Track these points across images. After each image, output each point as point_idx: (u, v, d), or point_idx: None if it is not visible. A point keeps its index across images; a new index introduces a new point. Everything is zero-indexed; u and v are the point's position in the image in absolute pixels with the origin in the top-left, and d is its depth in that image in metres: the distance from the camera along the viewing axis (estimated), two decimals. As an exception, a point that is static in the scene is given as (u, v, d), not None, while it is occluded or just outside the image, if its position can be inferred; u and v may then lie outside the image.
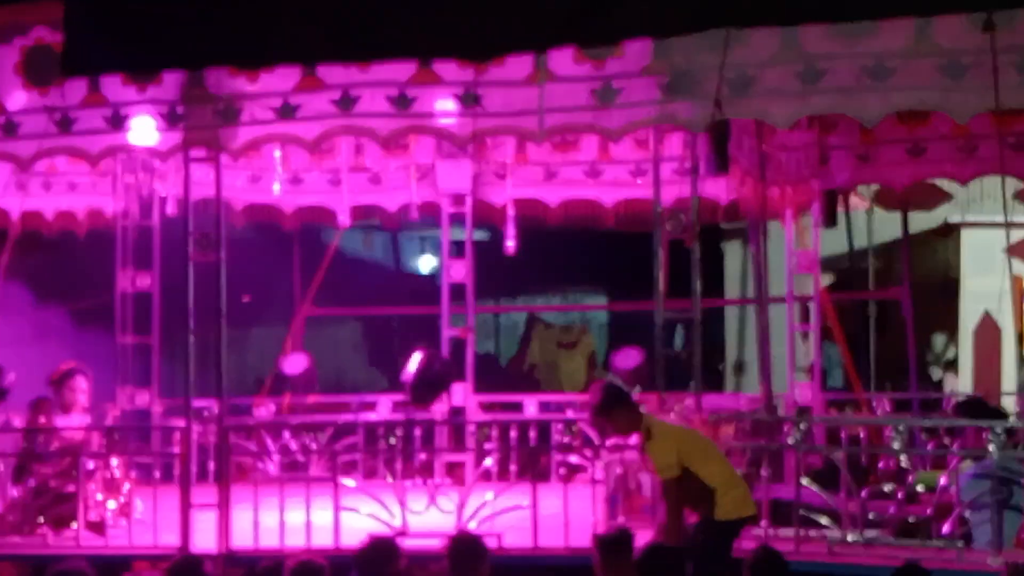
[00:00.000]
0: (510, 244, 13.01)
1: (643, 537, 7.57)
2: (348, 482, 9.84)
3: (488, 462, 10.83)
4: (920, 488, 9.42)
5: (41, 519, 9.66)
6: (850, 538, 8.76)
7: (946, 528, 8.63)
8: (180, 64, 8.65)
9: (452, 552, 7.43)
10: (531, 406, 12.78)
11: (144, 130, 9.32)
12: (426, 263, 20.98)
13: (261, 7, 8.63)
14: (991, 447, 8.46)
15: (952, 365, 14.94)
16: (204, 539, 9.19)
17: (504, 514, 9.18)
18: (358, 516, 9.25)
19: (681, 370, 12.09)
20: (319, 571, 7.15)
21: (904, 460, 9.67)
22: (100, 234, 12.92)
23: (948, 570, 8.23)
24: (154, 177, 11.90)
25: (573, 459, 11.65)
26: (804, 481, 9.03)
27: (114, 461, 9.85)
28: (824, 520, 9.01)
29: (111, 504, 9.75)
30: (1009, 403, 12.25)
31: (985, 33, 7.95)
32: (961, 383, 14.11)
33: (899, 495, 9.07)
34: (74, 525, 9.48)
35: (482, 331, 20.43)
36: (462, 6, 8.43)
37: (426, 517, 9.37)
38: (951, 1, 8.04)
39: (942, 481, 8.94)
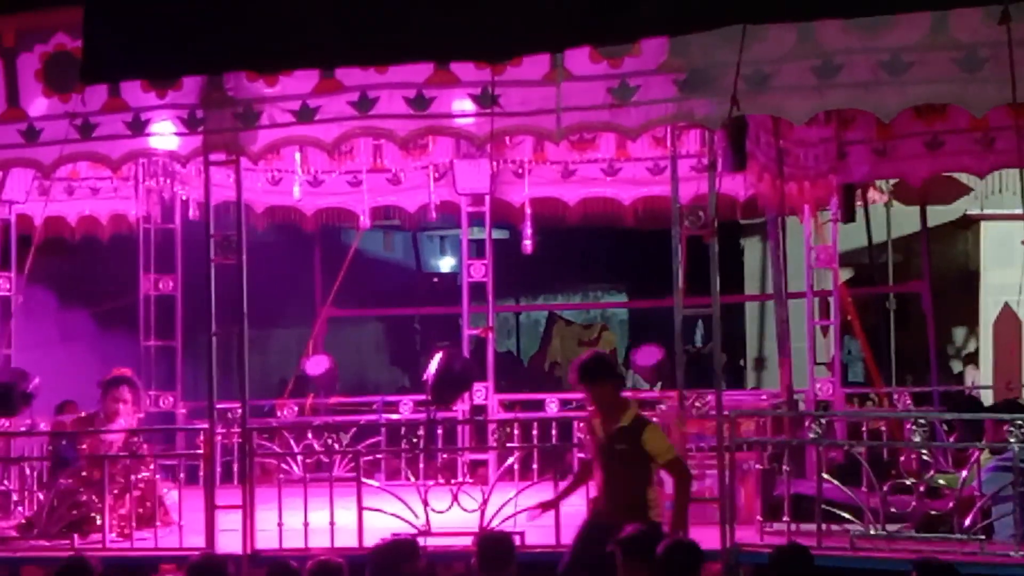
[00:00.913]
0: (528, 243, 13.03)
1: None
2: (371, 482, 9.89)
3: (510, 461, 10.86)
4: (942, 482, 9.44)
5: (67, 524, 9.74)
6: (872, 533, 8.78)
7: (968, 521, 8.63)
8: (199, 69, 8.69)
9: (481, 550, 7.48)
10: (552, 404, 12.80)
11: (165, 134, 9.39)
12: (446, 263, 21.04)
13: (279, 10, 8.66)
14: (1012, 440, 8.46)
15: (972, 358, 14.93)
16: (229, 540, 9.25)
17: (526, 511, 9.20)
18: (382, 516, 9.30)
19: (702, 366, 12.14)
20: (337, 571, 7.21)
21: (925, 454, 9.67)
22: (123, 238, 13.01)
23: (970, 563, 8.25)
24: (175, 181, 11.95)
25: (595, 456, 11.67)
26: (825, 476, 9.04)
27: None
28: (846, 515, 9.02)
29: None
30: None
31: (1001, 25, 7.94)
32: (982, 376, 14.08)
33: (920, 489, 9.07)
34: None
35: (503, 330, 20.54)
36: (479, 7, 8.45)
37: (449, 516, 9.41)
38: (967, -6, 8.04)
39: (963, 475, 8.95)
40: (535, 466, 11.17)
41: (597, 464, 8.46)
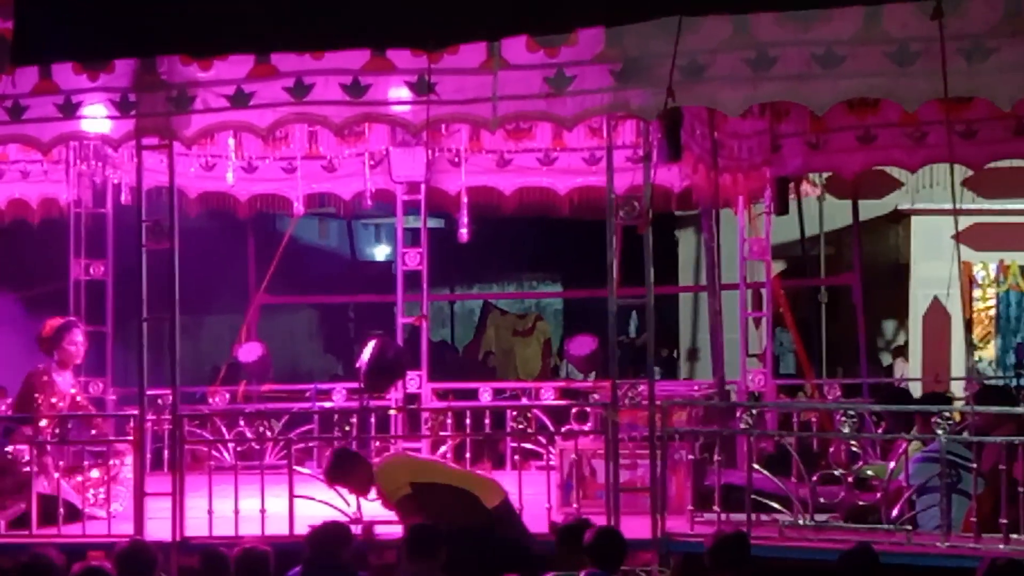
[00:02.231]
0: (464, 232, 13.02)
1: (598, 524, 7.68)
2: (303, 470, 9.86)
3: (443, 449, 10.86)
4: (869, 473, 9.54)
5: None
6: (801, 523, 8.86)
7: (895, 512, 8.73)
8: (132, 51, 8.59)
9: (409, 538, 7.50)
10: (486, 393, 12.81)
11: (96, 118, 9.29)
12: (381, 251, 20.98)
13: (214, -6, 8.60)
14: (939, 431, 8.56)
15: (902, 351, 15.08)
16: (159, 528, 9.19)
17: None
18: (313, 504, 9.28)
19: (635, 356, 12.19)
20: (264, 558, 7.21)
21: (855, 445, 9.77)
22: (53, 222, 12.84)
23: (897, 553, 8.35)
24: (107, 165, 11.82)
25: (528, 446, 11.71)
26: (756, 467, 9.11)
27: None
28: (776, 505, 9.10)
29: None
30: (957, 388, 12.40)
31: (934, 20, 8.02)
32: (911, 368, 14.23)
33: (849, 480, 9.16)
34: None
35: (437, 319, 20.53)
36: (415, -6, 8.43)
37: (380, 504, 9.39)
38: (900, -12, 8.11)
39: (891, 466, 9.05)
40: (468, 455, 11.18)
41: None
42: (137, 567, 7.26)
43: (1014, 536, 8.25)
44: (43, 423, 10.04)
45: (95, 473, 9.98)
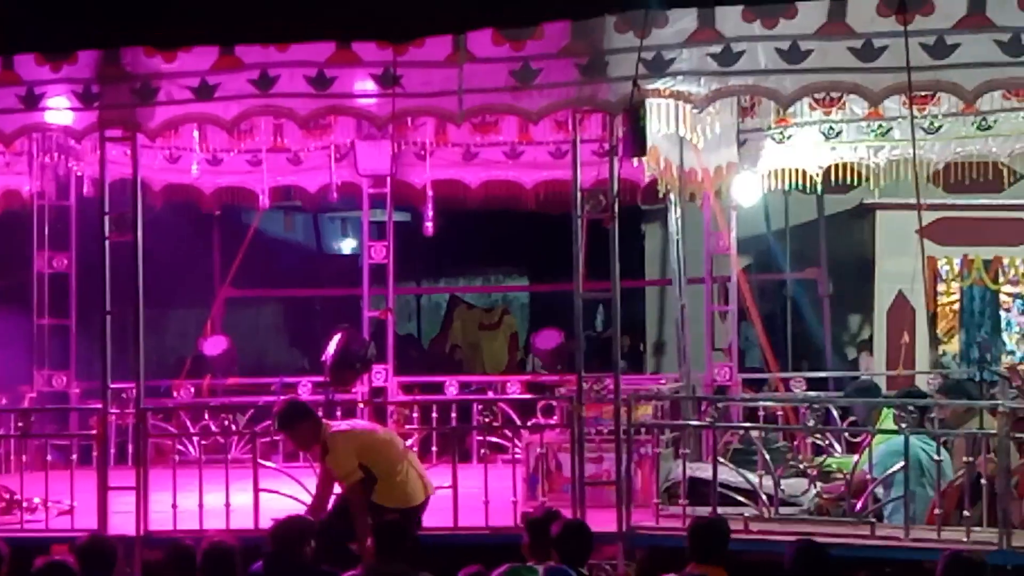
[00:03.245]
0: (429, 225, 13.00)
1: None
2: (268, 464, 9.83)
3: (409, 443, 10.82)
4: (834, 466, 9.57)
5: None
6: (766, 516, 8.88)
7: (859, 505, 8.76)
8: (95, 43, 8.56)
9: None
10: (452, 387, 12.80)
11: (59, 109, 9.23)
12: (347, 244, 20.92)
13: (178, -15, 8.57)
14: (903, 425, 8.60)
15: (867, 345, 15.13)
16: (122, 522, 9.14)
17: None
18: (278, 497, 9.25)
19: (601, 350, 12.18)
20: (229, 552, 7.18)
21: (819, 438, 9.81)
22: (16, 214, 12.75)
23: (861, 546, 8.38)
24: (70, 157, 11.74)
25: (494, 439, 11.71)
26: (721, 460, 9.12)
27: None
28: (741, 499, 9.12)
29: None
30: (921, 382, 12.44)
31: (898, 15, 8.07)
32: (876, 363, 14.28)
33: (814, 473, 9.19)
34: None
35: (403, 312, 20.46)
36: (381, -14, 8.43)
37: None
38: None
39: (855, 459, 9.08)
40: (434, 448, 11.17)
41: None
42: (97, 561, 7.21)
43: (976, 529, 8.29)
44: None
45: None
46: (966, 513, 8.30)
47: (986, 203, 13.55)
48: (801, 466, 9.39)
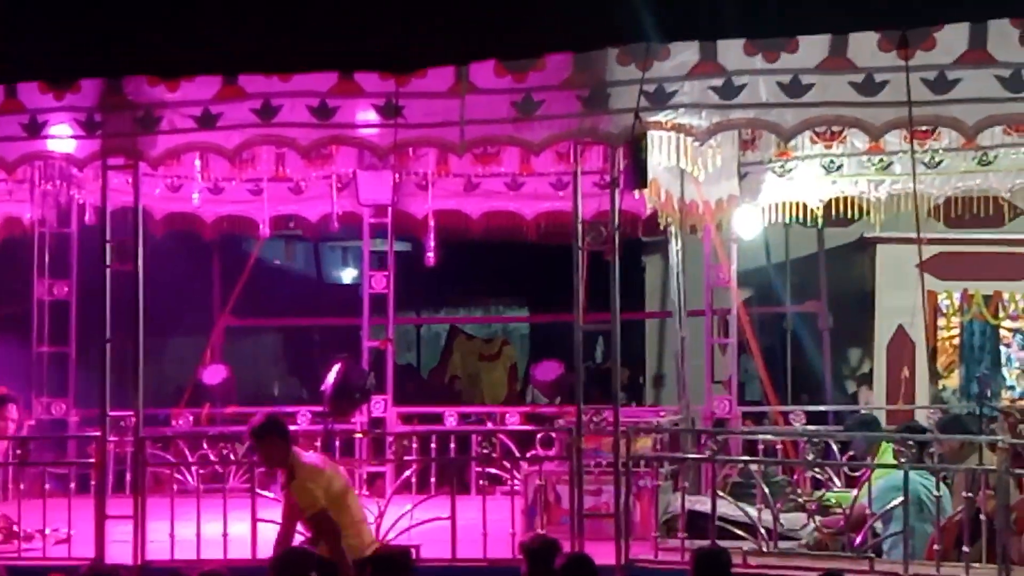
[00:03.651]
0: (430, 255, 13.01)
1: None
2: (266, 493, 9.79)
3: (407, 473, 10.81)
4: (833, 500, 9.54)
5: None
6: (764, 549, 8.85)
7: (858, 540, 8.73)
8: (98, 71, 8.59)
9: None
10: (451, 418, 12.78)
11: (62, 137, 9.25)
12: (348, 274, 20.91)
13: (182, 15, 8.59)
14: (902, 459, 8.58)
15: (866, 379, 15.12)
16: (120, 551, 9.11)
17: (423, 525, 9.18)
18: (276, 527, 9.20)
19: (601, 382, 12.15)
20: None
21: (818, 472, 9.79)
22: (17, 242, 12.77)
23: (861, 581, 8.36)
24: (72, 185, 11.76)
25: (493, 471, 11.68)
26: (720, 494, 9.10)
27: None
28: (740, 532, 9.09)
29: None
30: (921, 416, 12.42)
31: (899, 50, 8.09)
32: (876, 396, 14.27)
33: (813, 507, 9.17)
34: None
35: (403, 342, 20.43)
36: (384, 17, 8.45)
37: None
38: (866, 18, 8.18)
39: (854, 492, 9.06)
40: (433, 479, 11.14)
41: None
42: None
43: (975, 565, 8.25)
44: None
45: None
46: (965, 549, 8.26)
47: (986, 238, 13.57)
48: (800, 500, 9.36)
